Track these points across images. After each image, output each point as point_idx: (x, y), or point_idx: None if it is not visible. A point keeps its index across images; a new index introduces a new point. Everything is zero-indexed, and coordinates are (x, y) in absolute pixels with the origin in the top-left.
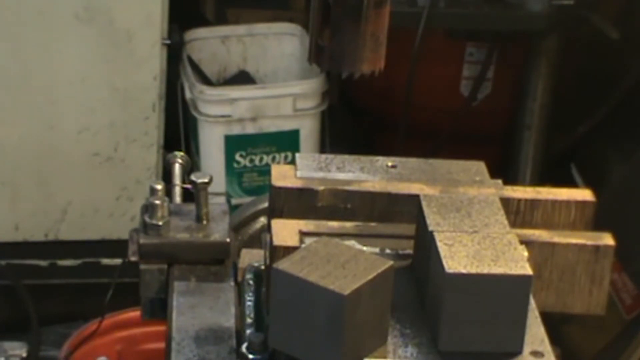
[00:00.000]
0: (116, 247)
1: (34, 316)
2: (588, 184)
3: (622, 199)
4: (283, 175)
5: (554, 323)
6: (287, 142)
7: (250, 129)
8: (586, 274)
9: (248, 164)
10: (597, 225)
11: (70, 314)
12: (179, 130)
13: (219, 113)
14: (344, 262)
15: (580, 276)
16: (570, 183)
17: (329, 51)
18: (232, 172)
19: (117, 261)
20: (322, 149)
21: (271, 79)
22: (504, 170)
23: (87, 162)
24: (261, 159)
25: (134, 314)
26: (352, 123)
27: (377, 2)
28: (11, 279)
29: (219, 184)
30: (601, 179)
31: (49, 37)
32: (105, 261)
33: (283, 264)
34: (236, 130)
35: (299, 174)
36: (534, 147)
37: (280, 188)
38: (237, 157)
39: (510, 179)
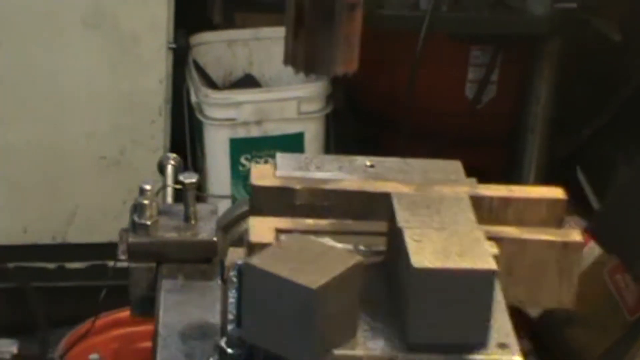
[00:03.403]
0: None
1: (42, 318)
2: (594, 186)
3: (628, 201)
4: (262, 175)
5: (557, 324)
6: (291, 145)
7: (255, 132)
8: (556, 269)
9: None
10: (601, 226)
11: (78, 316)
12: (184, 133)
13: (224, 116)
14: (315, 258)
15: (550, 271)
16: (576, 186)
17: (304, 53)
18: (237, 175)
19: (124, 264)
20: (327, 152)
21: (276, 82)
22: (508, 172)
23: (94, 165)
24: (266, 162)
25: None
26: (356, 126)
27: (350, 5)
28: (20, 282)
29: (224, 186)
30: (607, 181)
31: (56, 42)
32: (112, 264)
33: (255, 260)
34: (241, 133)
35: (278, 173)
36: (538, 149)
37: (259, 187)
38: (242, 160)
39: (514, 182)
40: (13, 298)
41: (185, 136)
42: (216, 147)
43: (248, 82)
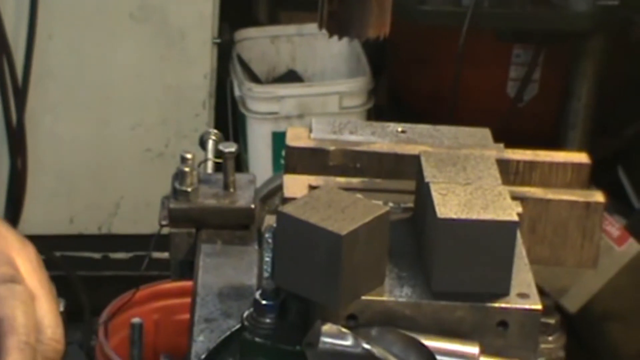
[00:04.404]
0: (167, 241)
1: (86, 306)
2: (635, 186)
3: None
4: (297, 136)
5: (595, 320)
6: None
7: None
8: (578, 229)
9: None
10: None
11: None
12: (228, 127)
13: (267, 110)
14: (344, 207)
15: (572, 231)
16: (618, 185)
17: (336, 17)
18: (279, 168)
19: (167, 255)
20: None
21: (319, 78)
22: None
23: (139, 157)
24: None
25: (171, 285)
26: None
27: None
28: (66, 270)
29: (266, 179)
30: None
31: (105, 35)
32: (156, 254)
33: (287, 208)
34: (283, 127)
35: (312, 135)
36: (579, 147)
37: (294, 148)
38: (284, 153)
39: None
40: (59, 286)
41: (228, 130)
42: (258, 141)
43: (291, 77)
